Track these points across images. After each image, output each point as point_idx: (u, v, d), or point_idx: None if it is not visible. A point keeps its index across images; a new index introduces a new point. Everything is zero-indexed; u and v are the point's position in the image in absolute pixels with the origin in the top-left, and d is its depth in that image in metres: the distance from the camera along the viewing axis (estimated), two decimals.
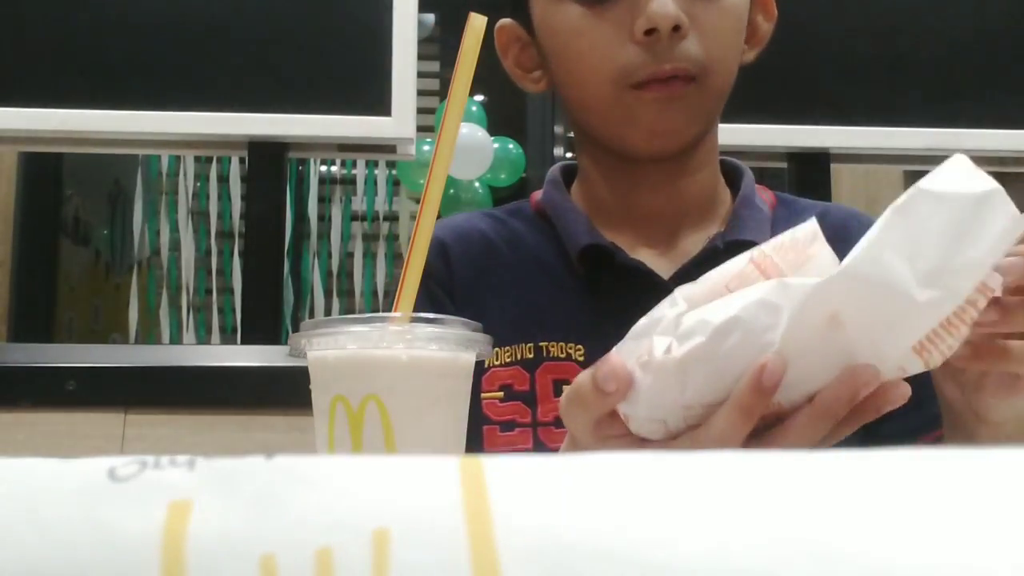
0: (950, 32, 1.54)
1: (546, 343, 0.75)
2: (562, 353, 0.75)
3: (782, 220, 0.78)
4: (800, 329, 0.41)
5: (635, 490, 0.20)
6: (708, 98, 0.74)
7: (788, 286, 0.41)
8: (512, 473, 0.20)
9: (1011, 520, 0.19)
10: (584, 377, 0.45)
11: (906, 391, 0.43)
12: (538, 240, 0.82)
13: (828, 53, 1.54)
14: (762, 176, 0.91)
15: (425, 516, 0.19)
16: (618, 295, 0.76)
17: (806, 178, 1.54)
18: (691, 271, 0.73)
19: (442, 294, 0.79)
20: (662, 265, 0.77)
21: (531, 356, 0.75)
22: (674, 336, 0.42)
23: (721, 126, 0.81)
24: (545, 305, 0.78)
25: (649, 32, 0.70)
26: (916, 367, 0.42)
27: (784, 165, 1.57)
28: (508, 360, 0.75)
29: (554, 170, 0.87)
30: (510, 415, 0.74)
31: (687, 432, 0.45)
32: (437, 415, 0.46)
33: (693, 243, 0.79)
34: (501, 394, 0.75)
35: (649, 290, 0.75)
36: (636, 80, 0.72)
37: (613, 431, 0.46)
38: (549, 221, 0.82)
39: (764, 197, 0.82)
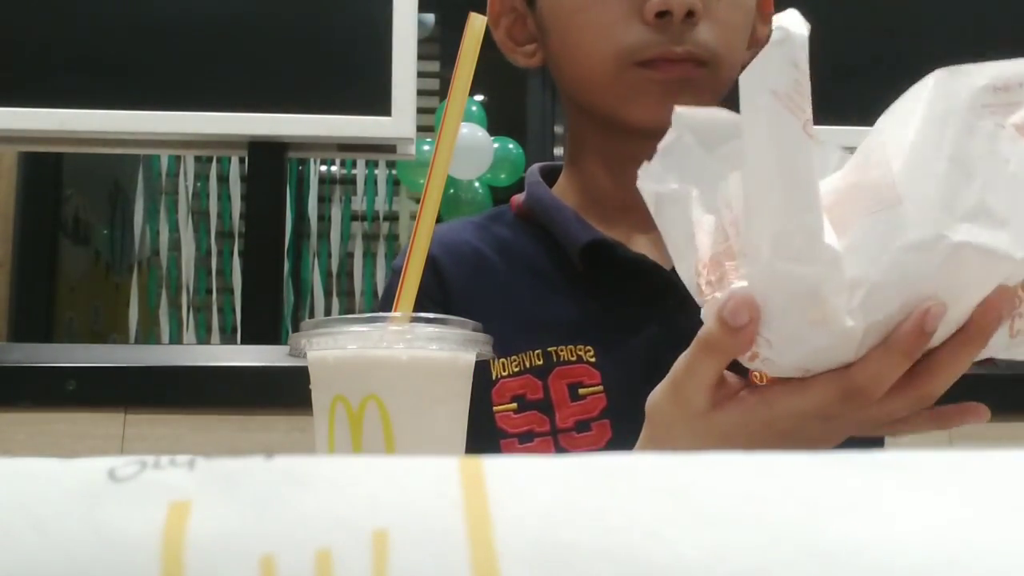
0: (952, 32, 1.54)
1: (555, 348, 0.73)
2: (572, 356, 0.73)
3: None
4: (959, 279, 0.41)
5: (635, 490, 0.20)
6: (716, 86, 0.73)
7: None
8: (512, 473, 0.20)
9: (1014, 518, 0.19)
10: (708, 327, 0.45)
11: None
12: (526, 243, 0.80)
13: (822, 53, 1.54)
14: None
15: (425, 516, 0.19)
16: (621, 291, 0.75)
17: None
18: None
19: (437, 310, 0.77)
20: (662, 256, 0.76)
21: (540, 363, 0.73)
22: (848, 294, 0.41)
23: None
24: (547, 309, 0.76)
25: (661, 15, 0.68)
26: None
27: None
28: (516, 370, 0.73)
29: (533, 171, 0.85)
30: (527, 426, 0.72)
31: (827, 372, 0.45)
32: (437, 415, 0.46)
33: None
34: (515, 405, 0.73)
35: (653, 283, 0.75)
36: (643, 58, 0.70)
37: (729, 390, 0.48)
38: (534, 223, 0.80)
39: None
